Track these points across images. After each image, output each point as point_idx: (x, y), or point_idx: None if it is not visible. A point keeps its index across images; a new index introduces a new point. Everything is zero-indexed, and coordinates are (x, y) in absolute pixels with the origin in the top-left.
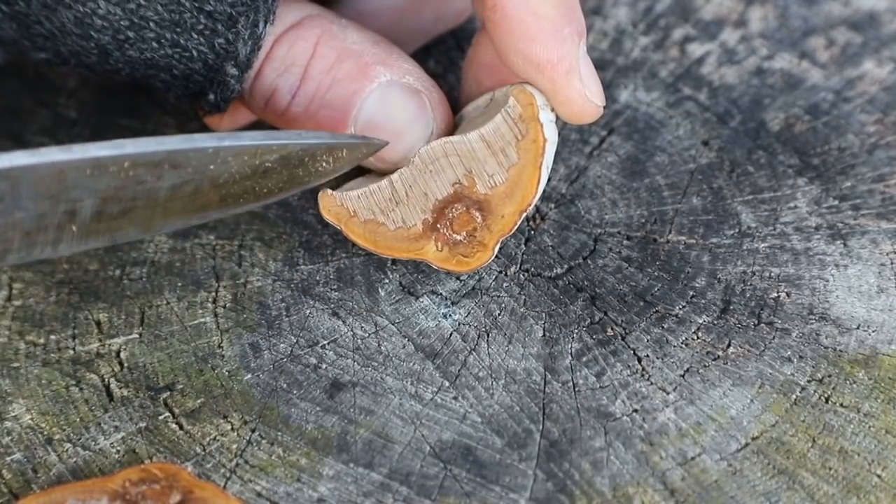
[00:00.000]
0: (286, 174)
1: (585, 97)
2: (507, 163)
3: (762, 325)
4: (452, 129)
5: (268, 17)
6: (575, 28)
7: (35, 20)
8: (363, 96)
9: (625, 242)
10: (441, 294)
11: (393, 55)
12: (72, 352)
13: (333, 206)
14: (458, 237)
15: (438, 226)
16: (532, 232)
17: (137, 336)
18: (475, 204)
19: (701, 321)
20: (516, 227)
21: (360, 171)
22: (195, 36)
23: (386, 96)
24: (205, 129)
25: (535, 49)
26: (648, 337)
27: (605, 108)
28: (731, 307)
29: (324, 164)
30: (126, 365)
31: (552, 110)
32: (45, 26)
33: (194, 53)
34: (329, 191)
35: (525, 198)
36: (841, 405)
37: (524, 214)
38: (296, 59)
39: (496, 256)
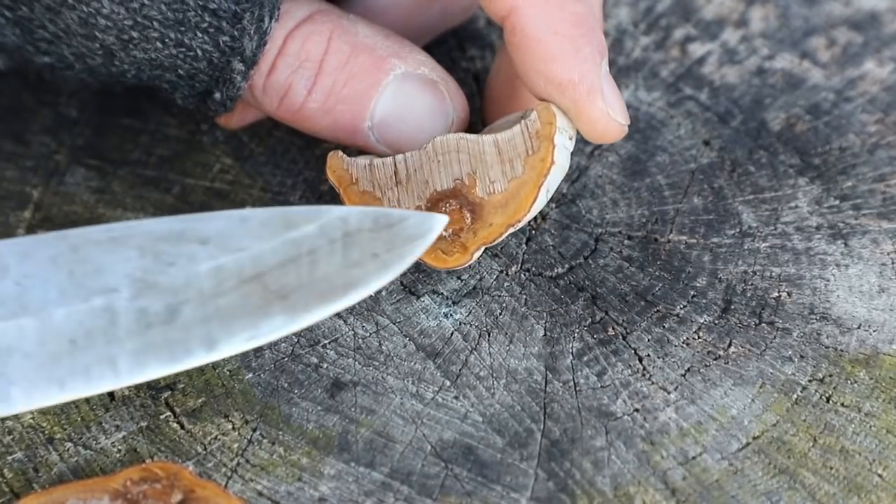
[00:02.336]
0: None
1: (608, 116)
2: (512, 174)
3: (763, 324)
4: (469, 119)
5: (273, 12)
6: (596, 47)
7: (38, 24)
8: (380, 89)
9: (626, 242)
10: (442, 293)
11: (405, 47)
12: None
13: (339, 167)
14: (444, 233)
15: None
16: (533, 231)
17: None
18: (469, 205)
19: (702, 321)
20: (501, 238)
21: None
22: (199, 34)
23: (402, 88)
24: (210, 125)
25: (555, 69)
26: (649, 336)
27: (629, 125)
28: (732, 307)
29: None
30: None
31: (571, 138)
32: (49, 29)
33: (199, 52)
34: (340, 152)
35: (517, 213)
36: (842, 405)
37: (512, 229)
38: (310, 54)
39: (497, 256)
